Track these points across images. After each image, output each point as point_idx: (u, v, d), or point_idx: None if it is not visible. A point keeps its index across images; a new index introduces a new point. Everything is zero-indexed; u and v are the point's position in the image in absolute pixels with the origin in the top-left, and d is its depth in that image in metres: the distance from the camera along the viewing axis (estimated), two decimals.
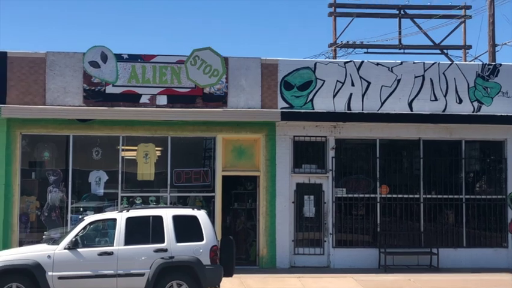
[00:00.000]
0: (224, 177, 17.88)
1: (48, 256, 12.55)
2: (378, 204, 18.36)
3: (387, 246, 17.92)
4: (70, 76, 17.43)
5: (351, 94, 18.35)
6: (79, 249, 12.68)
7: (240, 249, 17.79)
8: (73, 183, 17.50)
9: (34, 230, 17.43)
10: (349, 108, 18.29)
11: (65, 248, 12.66)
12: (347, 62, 18.75)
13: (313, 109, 18.14)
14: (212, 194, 17.84)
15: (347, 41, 29.68)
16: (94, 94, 17.46)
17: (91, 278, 12.56)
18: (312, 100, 18.22)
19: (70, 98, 17.40)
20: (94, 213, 15.95)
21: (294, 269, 17.63)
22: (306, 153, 18.35)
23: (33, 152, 17.73)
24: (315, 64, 18.45)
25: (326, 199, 18.20)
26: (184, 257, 12.76)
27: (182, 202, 17.90)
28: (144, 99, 17.62)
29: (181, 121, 17.57)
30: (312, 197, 18.22)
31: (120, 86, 17.56)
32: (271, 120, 17.82)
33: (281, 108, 17.96)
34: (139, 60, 17.69)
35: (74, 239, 12.76)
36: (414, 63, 18.78)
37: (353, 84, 18.39)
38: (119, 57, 17.60)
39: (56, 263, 12.50)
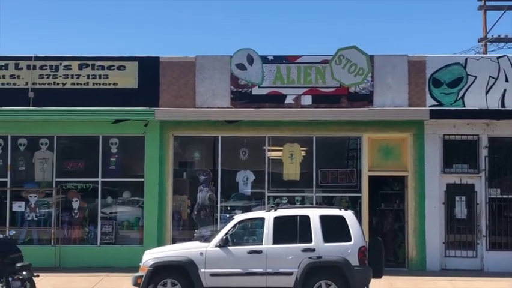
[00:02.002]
0: (370, 178, 17.62)
1: (201, 253, 12.90)
2: None
3: None
4: (218, 79, 17.90)
5: (505, 90, 17.48)
6: (229, 247, 12.93)
7: (387, 250, 17.36)
8: (222, 183, 17.95)
9: (186, 227, 18.08)
10: (503, 105, 17.43)
11: (216, 246, 12.96)
12: (500, 57, 17.87)
13: (464, 106, 17.46)
14: (358, 195, 17.64)
15: (498, 35, 28.35)
16: (241, 96, 17.82)
17: (241, 276, 12.77)
18: (462, 97, 17.54)
19: (218, 100, 17.87)
20: (242, 213, 16.28)
21: (444, 271, 17.05)
22: (457, 153, 17.67)
23: (184, 153, 18.39)
24: (466, 60, 17.75)
25: (478, 200, 17.44)
26: (332, 257, 12.66)
27: (327, 202, 17.84)
28: (289, 100, 17.75)
29: (326, 121, 17.51)
30: (463, 198, 17.53)
31: (266, 87, 17.80)
32: (420, 119, 17.33)
33: (430, 106, 17.43)
34: (284, 62, 17.85)
35: (224, 237, 13.04)
36: None
37: (507, 80, 17.51)
38: (264, 59, 17.85)
39: (208, 260, 12.83)
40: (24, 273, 12.88)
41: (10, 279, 12.89)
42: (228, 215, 17.57)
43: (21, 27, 48.63)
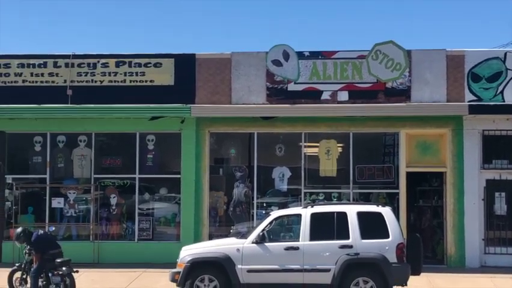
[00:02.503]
0: (408, 174, 17.44)
1: (238, 249, 12.92)
2: None
3: None
4: (254, 75, 17.89)
5: None
6: (266, 244, 12.91)
7: (426, 247, 17.15)
8: (258, 179, 17.96)
9: (222, 224, 18.13)
10: None
11: (253, 242, 12.95)
12: None
13: (504, 101, 17.16)
14: (396, 191, 17.48)
15: None
16: (277, 92, 17.78)
17: (278, 272, 12.76)
18: (502, 92, 17.25)
19: (254, 96, 17.86)
20: (278, 209, 16.26)
21: (484, 268, 16.78)
22: (497, 148, 17.39)
23: (220, 149, 18.44)
24: (505, 54, 17.45)
25: None
26: (370, 254, 12.57)
27: (363, 199, 17.72)
28: (325, 96, 17.66)
29: (363, 117, 17.38)
30: (503, 194, 17.24)
31: (302, 83, 17.73)
32: (458, 114, 17.09)
33: (468, 102, 17.18)
34: (320, 57, 17.76)
35: (261, 234, 13.02)
36: None
37: None
38: (300, 55, 17.78)
39: (245, 257, 12.84)
40: (63, 268, 13.06)
41: (50, 274, 13.10)
42: (263, 212, 17.58)
43: (59, 27, 49.31)
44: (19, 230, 13.64)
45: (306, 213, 13.12)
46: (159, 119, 17.81)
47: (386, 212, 13.02)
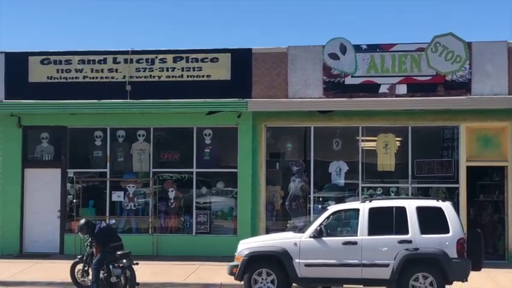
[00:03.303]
0: (468, 168, 17.12)
1: (295, 244, 12.91)
2: None
3: None
4: (310, 69, 17.82)
5: None
6: (323, 238, 12.86)
7: (486, 242, 16.81)
8: (314, 174, 17.91)
9: (279, 218, 18.15)
10: None
11: (310, 237, 12.91)
12: None
13: None
14: (456, 185, 17.18)
15: None
16: (334, 86, 17.67)
17: (336, 267, 12.69)
18: None
19: (310, 90, 17.80)
20: (335, 203, 16.18)
21: None
22: None
23: (276, 144, 18.45)
24: None
25: None
26: (430, 249, 12.38)
27: (422, 194, 17.48)
28: (383, 89, 17.47)
29: (422, 110, 17.13)
30: None
31: (359, 76, 17.59)
32: None
33: None
34: (378, 50, 17.58)
35: (318, 228, 12.97)
36: None
37: None
38: (357, 48, 17.63)
39: (302, 251, 12.82)
40: (124, 261, 13.27)
41: (111, 266, 13.32)
42: (319, 206, 17.54)
43: (117, 25, 50.05)
44: (82, 221, 13.92)
45: (364, 207, 13.01)
46: (216, 114, 17.93)
47: (447, 206, 12.80)
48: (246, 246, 13.29)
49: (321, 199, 17.99)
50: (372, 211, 12.91)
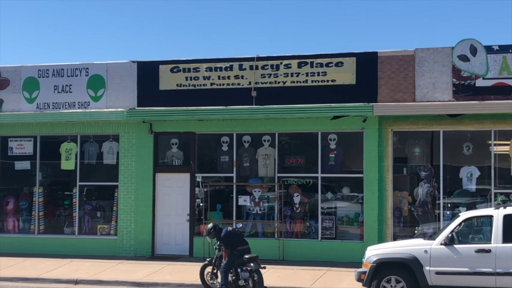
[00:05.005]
0: None
1: (425, 251, 12.60)
2: None
3: None
4: (439, 71, 17.34)
5: None
6: (455, 245, 12.49)
7: None
8: (444, 179, 17.38)
9: (407, 224, 17.76)
10: None
11: (441, 244, 12.58)
12: None
13: None
14: None
15: None
16: (463, 88, 17.11)
17: (468, 275, 12.30)
18: None
19: (438, 93, 17.32)
20: (466, 210, 15.63)
21: None
22: None
23: (403, 148, 18.07)
24: None
25: None
26: None
27: None
28: None
29: None
30: None
31: (491, 78, 16.93)
32: None
33: None
34: (511, 51, 16.84)
35: (450, 235, 12.62)
36: None
37: None
38: (488, 49, 16.98)
39: (433, 258, 12.50)
40: (252, 264, 13.46)
41: (239, 270, 13.55)
42: (448, 212, 17.00)
43: (243, 32, 51.00)
44: (210, 225, 14.27)
45: (498, 214, 12.51)
46: (341, 118, 17.82)
47: None
48: (374, 252, 13.12)
49: (449, 205, 17.42)
50: (507, 218, 12.41)
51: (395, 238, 17.04)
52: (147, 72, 19.45)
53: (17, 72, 20.40)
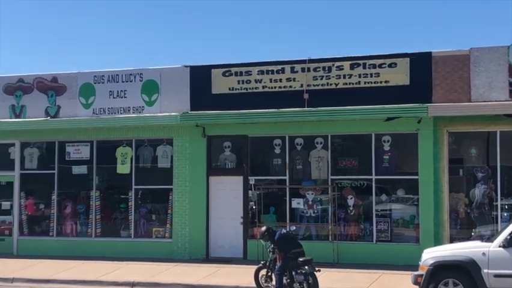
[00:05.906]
0: None
1: (483, 253, 12.36)
2: None
3: None
4: (494, 71, 17.02)
5: None
6: None
7: None
8: (501, 180, 17.01)
9: (463, 226, 17.45)
10: None
11: (499, 246, 12.33)
12: None
13: None
14: None
15: None
16: None
17: None
18: None
19: (495, 93, 16.99)
20: None
21: None
22: None
23: (459, 149, 17.76)
24: None
25: None
26: None
27: None
28: None
29: None
30: None
31: None
32: None
33: None
34: None
35: (508, 237, 12.33)
36: None
37: None
38: None
39: (491, 261, 12.25)
40: (306, 267, 13.43)
41: (293, 273, 13.53)
42: (506, 214, 16.65)
43: (294, 32, 51.00)
44: (263, 228, 14.31)
45: None
46: (395, 120, 17.63)
47: None
48: (431, 255, 12.94)
49: (507, 207, 17.04)
50: None
51: (451, 240, 16.75)
52: (199, 76, 19.61)
53: (73, 78, 20.85)
